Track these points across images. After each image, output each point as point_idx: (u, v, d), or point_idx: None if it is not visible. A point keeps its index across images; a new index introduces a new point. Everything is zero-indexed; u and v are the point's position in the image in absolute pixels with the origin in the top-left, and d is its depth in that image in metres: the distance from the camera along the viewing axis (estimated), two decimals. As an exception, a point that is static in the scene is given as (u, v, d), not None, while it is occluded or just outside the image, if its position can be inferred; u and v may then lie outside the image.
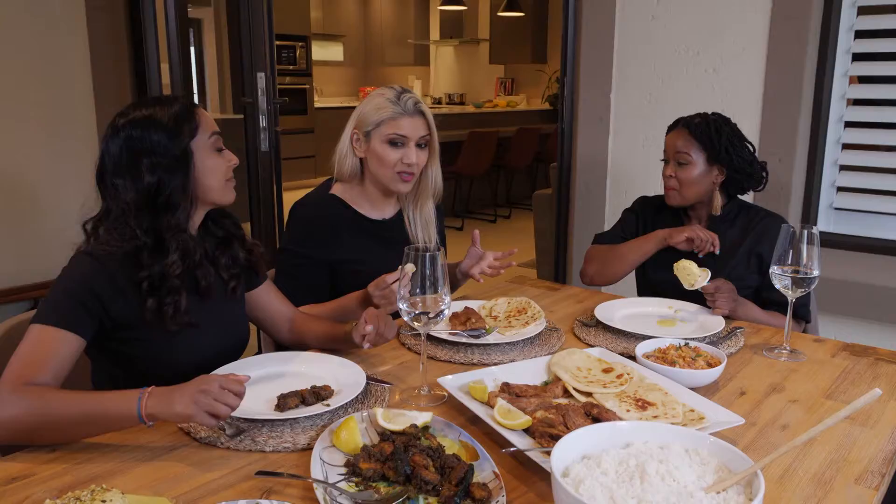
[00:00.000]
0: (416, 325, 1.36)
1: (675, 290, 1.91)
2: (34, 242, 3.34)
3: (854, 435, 1.27)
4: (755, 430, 1.29)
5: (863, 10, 2.67)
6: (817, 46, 2.68)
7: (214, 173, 1.46)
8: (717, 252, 1.94)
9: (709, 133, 1.96)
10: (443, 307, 1.36)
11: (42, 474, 1.14)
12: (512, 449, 1.14)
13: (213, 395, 1.18)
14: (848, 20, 2.68)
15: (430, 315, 1.35)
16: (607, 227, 3.18)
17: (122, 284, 1.37)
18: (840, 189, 2.80)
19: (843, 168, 2.79)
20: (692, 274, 1.81)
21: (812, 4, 2.62)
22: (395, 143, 1.84)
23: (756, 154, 2.04)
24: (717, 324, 1.76)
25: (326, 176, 2.03)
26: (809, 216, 2.81)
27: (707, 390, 1.43)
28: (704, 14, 2.83)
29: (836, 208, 2.82)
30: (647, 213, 2.19)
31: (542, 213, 4.54)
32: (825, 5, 2.64)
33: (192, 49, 7.60)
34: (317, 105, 9.14)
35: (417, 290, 1.35)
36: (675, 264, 1.85)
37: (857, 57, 2.69)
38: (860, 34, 2.68)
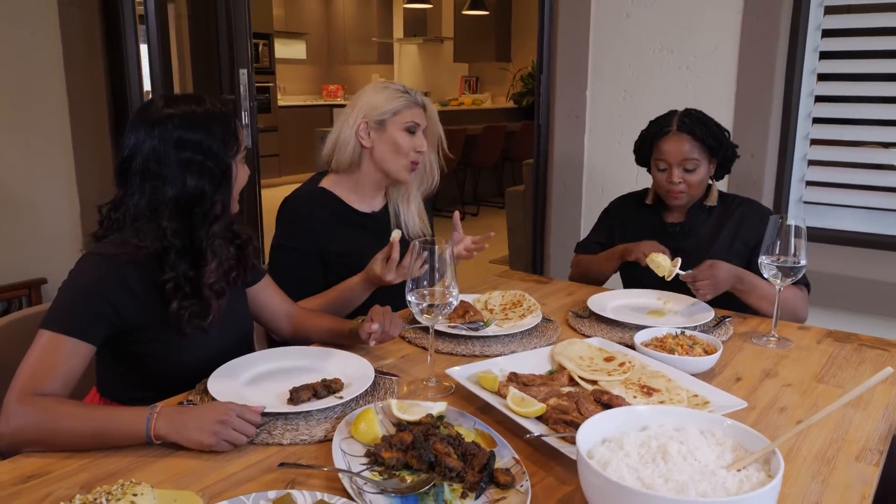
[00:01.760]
0: (425, 317, 1.38)
1: (658, 284, 1.97)
2: (6, 242, 3.26)
3: (849, 416, 1.32)
4: (756, 413, 1.34)
5: (829, 10, 2.76)
6: (787, 44, 2.77)
7: (240, 185, 1.47)
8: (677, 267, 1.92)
9: (714, 134, 1.99)
10: (451, 299, 1.38)
11: (59, 472, 1.13)
12: (535, 434, 1.16)
13: (231, 424, 1.18)
14: (815, 19, 2.77)
15: (439, 307, 1.37)
16: (584, 223, 3.24)
17: (134, 286, 1.35)
18: (809, 183, 2.90)
19: (811, 163, 2.89)
20: (663, 266, 1.86)
21: (782, 3, 2.70)
22: (412, 130, 1.90)
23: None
24: (706, 314, 1.81)
25: (291, 175, 2.06)
26: (780, 209, 2.90)
27: (704, 377, 1.47)
28: (677, 12, 2.89)
29: (805, 202, 2.91)
30: (625, 212, 2.23)
31: (514, 209, 4.60)
32: (794, 5, 2.73)
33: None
34: (280, 103, 9.06)
35: (425, 283, 1.37)
36: (646, 260, 1.90)
37: (824, 55, 2.79)
38: (827, 33, 2.78)
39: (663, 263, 1.87)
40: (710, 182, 2.10)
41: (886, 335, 1.80)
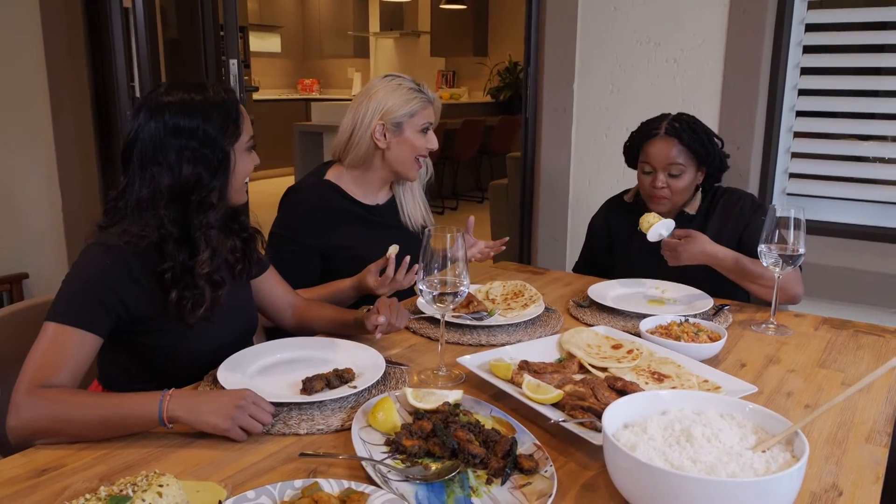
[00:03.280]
0: (437, 306, 1.38)
1: (646, 274, 2.00)
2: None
3: (854, 400, 1.35)
4: (764, 398, 1.36)
5: (812, 5, 2.81)
6: (772, 39, 2.81)
7: (242, 175, 1.44)
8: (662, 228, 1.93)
9: (702, 141, 1.96)
10: (462, 288, 1.38)
11: (74, 464, 1.11)
12: (560, 420, 1.17)
13: (247, 410, 1.18)
14: (799, 14, 2.81)
15: (450, 295, 1.37)
16: (571, 214, 3.27)
17: (138, 276, 1.33)
18: (792, 175, 2.95)
19: (794, 155, 2.93)
20: (649, 223, 1.89)
21: (768, -2, 2.74)
22: (426, 130, 1.92)
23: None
24: (705, 303, 1.84)
25: (267, 169, 2.03)
26: (765, 201, 2.94)
27: (710, 363, 1.49)
28: (665, 6, 2.92)
29: (789, 194, 2.96)
30: (609, 218, 2.22)
31: (497, 202, 4.61)
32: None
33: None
34: (255, 97, 8.97)
35: (436, 271, 1.37)
36: (640, 219, 1.92)
37: (807, 49, 2.83)
38: (810, 27, 2.82)
39: (650, 222, 1.89)
40: (697, 189, 2.08)
41: (871, 322, 1.84)
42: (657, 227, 1.86)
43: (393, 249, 1.70)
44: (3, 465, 1.12)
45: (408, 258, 1.62)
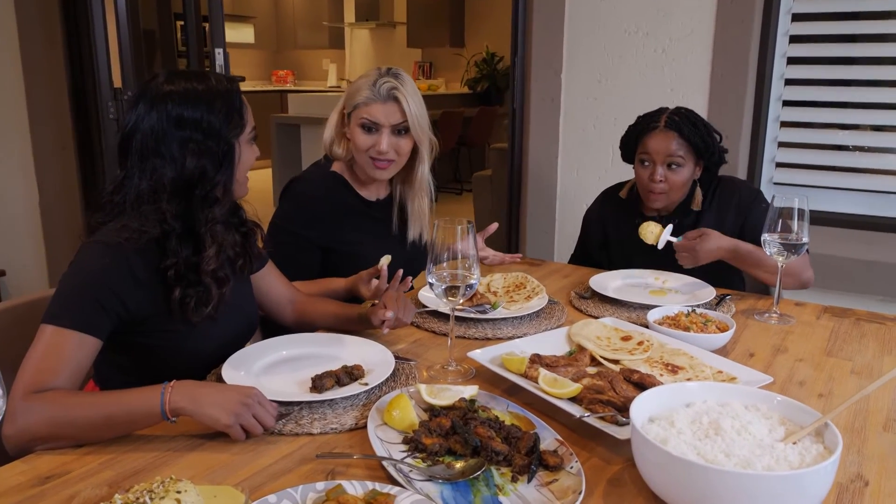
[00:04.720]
0: (448, 300, 1.35)
1: (646, 263, 2.00)
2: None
3: (864, 388, 1.34)
4: (777, 388, 1.35)
5: (799, -6, 2.82)
6: (759, 28, 2.81)
7: (246, 167, 1.39)
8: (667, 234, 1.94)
9: (701, 135, 1.93)
10: (473, 281, 1.35)
11: (79, 470, 1.07)
12: (585, 416, 1.15)
13: (252, 409, 1.14)
14: (787, 3, 2.82)
15: (461, 288, 1.34)
16: (559, 205, 3.25)
17: (140, 275, 1.28)
18: (779, 165, 2.96)
19: (780, 145, 2.95)
20: (652, 233, 1.88)
21: (756, -13, 2.74)
22: (368, 128, 1.79)
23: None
24: (706, 292, 1.83)
25: None
26: (753, 191, 2.95)
27: (719, 353, 1.47)
28: (653, -5, 2.91)
29: (776, 183, 2.97)
30: (605, 212, 2.19)
31: (481, 193, 4.59)
32: (767, -11, 2.77)
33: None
34: (229, 89, 8.83)
35: (445, 263, 1.34)
36: (639, 229, 1.91)
37: (794, 39, 2.84)
38: (796, 17, 2.83)
39: (654, 231, 1.88)
40: (696, 185, 2.05)
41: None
42: (665, 235, 1.86)
43: (385, 260, 1.65)
44: (3, 472, 1.07)
45: (400, 272, 1.57)
